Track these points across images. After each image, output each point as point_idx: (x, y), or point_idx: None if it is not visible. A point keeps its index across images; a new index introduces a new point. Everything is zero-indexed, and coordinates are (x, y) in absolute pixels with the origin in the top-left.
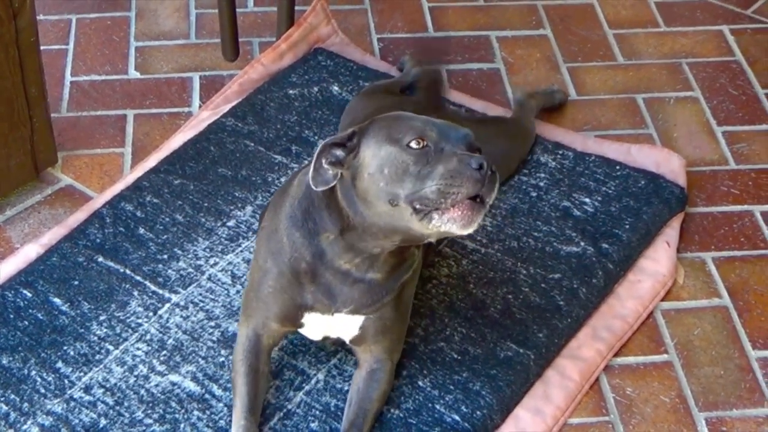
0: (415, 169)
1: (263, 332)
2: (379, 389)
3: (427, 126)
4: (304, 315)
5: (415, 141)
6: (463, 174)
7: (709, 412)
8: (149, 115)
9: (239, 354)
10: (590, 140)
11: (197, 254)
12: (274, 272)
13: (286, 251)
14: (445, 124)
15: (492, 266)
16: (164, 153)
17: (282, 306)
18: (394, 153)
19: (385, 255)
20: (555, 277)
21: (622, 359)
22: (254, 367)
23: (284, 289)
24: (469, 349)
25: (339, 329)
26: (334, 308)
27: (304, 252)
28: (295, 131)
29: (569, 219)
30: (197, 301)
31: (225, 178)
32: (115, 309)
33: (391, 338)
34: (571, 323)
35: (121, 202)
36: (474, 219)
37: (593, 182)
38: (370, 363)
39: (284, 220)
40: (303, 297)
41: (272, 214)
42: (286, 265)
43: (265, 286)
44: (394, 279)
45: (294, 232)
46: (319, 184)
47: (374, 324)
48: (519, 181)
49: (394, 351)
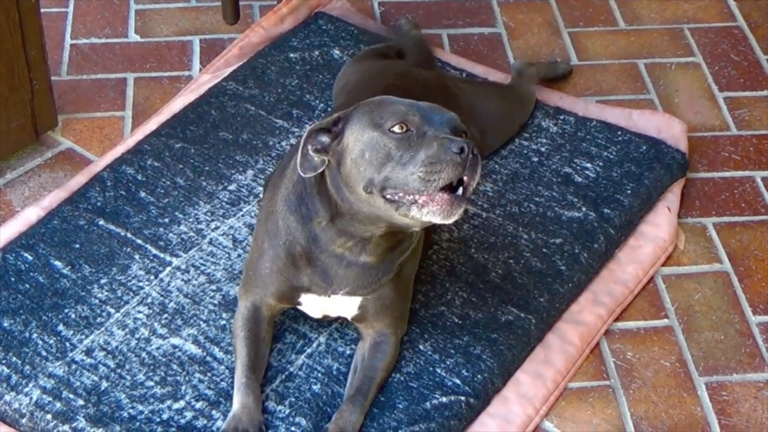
0: (397, 153)
1: (261, 305)
2: (385, 360)
3: (410, 110)
4: (301, 295)
5: (397, 126)
6: (443, 159)
7: (710, 377)
8: (149, 78)
9: (239, 321)
10: (591, 105)
11: (198, 218)
12: (270, 254)
13: (281, 235)
14: (429, 107)
15: (493, 231)
16: (165, 116)
17: (279, 286)
18: (376, 138)
19: (377, 239)
20: (556, 242)
21: (622, 324)
22: (254, 332)
23: (280, 271)
24: (470, 314)
25: (338, 309)
26: (331, 290)
27: (298, 236)
28: (296, 95)
29: (571, 184)
30: (198, 265)
31: (226, 141)
32: (117, 272)
33: (392, 315)
34: (572, 288)
35: (122, 166)
36: (454, 211)
37: (595, 147)
38: (373, 337)
39: (280, 203)
40: (299, 279)
41: (271, 193)
42: (281, 248)
43: (263, 266)
44: (390, 261)
45: (288, 216)
46: (307, 171)
47: (373, 304)
48: (520, 146)
49: (397, 326)
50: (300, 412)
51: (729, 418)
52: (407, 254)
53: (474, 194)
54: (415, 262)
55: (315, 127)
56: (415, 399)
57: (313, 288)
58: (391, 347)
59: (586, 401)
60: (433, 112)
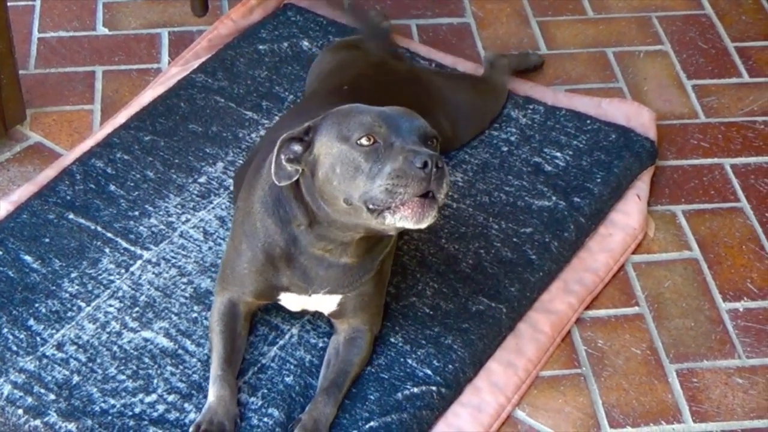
0: (366, 166)
1: (238, 302)
2: (360, 355)
3: (377, 121)
4: (280, 294)
5: (364, 138)
6: (407, 173)
7: (680, 364)
8: (118, 71)
9: (215, 316)
10: (561, 94)
11: (169, 211)
12: (248, 255)
13: (259, 236)
14: (397, 114)
15: (464, 221)
16: (134, 109)
17: (257, 285)
18: (345, 152)
19: (357, 241)
20: (527, 232)
21: (593, 312)
22: (230, 326)
23: (259, 272)
24: (440, 304)
25: (316, 305)
26: (311, 290)
27: (277, 238)
28: (266, 87)
29: (540, 173)
30: (169, 258)
31: (195, 134)
32: (87, 266)
33: (369, 312)
34: (542, 277)
35: (91, 159)
36: (425, 215)
37: (564, 136)
38: (348, 332)
39: (257, 204)
40: (278, 279)
41: (247, 193)
42: (259, 250)
43: (241, 266)
44: (371, 259)
45: (266, 218)
46: (281, 179)
47: (352, 301)
48: (489, 136)
49: (373, 323)
50: (273, 403)
51: (700, 405)
52: (387, 251)
53: None
54: (392, 256)
55: (287, 136)
56: (386, 390)
57: (293, 288)
58: (366, 343)
59: (557, 390)
60: (402, 120)
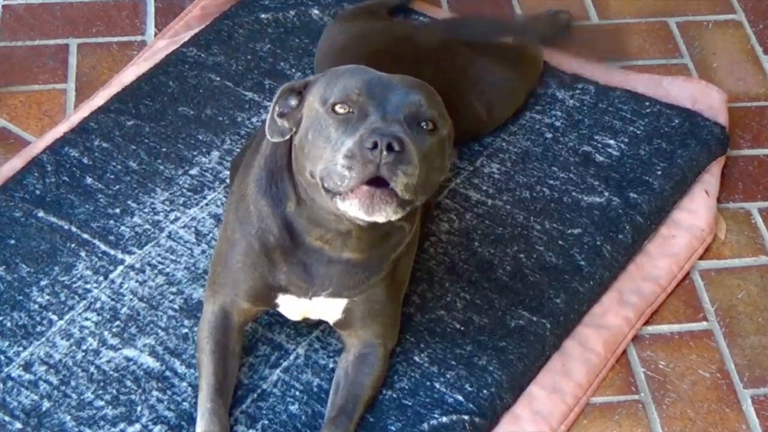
0: (335, 137)
1: (232, 309)
2: (372, 375)
3: (359, 87)
4: (278, 296)
5: (340, 105)
6: (356, 154)
7: (756, 389)
8: (96, 44)
9: (204, 331)
10: (615, 72)
11: (155, 208)
12: (242, 245)
13: (253, 222)
14: (390, 83)
15: (500, 221)
16: (114, 89)
17: (252, 284)
18: (321, 117)
19: (357, 231)
20: (574, 233)
21: (653, 328)
22: (222, 344)
23: (254, 266)
24: (473, 318)
25: (319, 312)
26: (312, 291)
27: (270, 224)
28: (269, 63)
29: (591, 164)
30: (155, 263)
31: (186, 118)
32: (59, 272)
33: (382, 322)
34: (593, 286)
35: (65, 147)
36: (375, 207)
37: (619, 121)
38: (358, 348)
39: (251, 184)
40: (275, 277)
41: (243, 175)
42: (254, 238)
43: (233, 260)
44: (378, 258)
45: (260, 199)
46: (274, 134)
47: (360, 307)
48: (531, 120)
49: (387, 336)
50: None
51: None
52: (400, 250)
53: (477, 177)
54: (411, 257)
55: (287, 86)
56: (410, 419)
57: (292, 288)
58: (380, 360)
59: (611, 419)
60: (393, 91)
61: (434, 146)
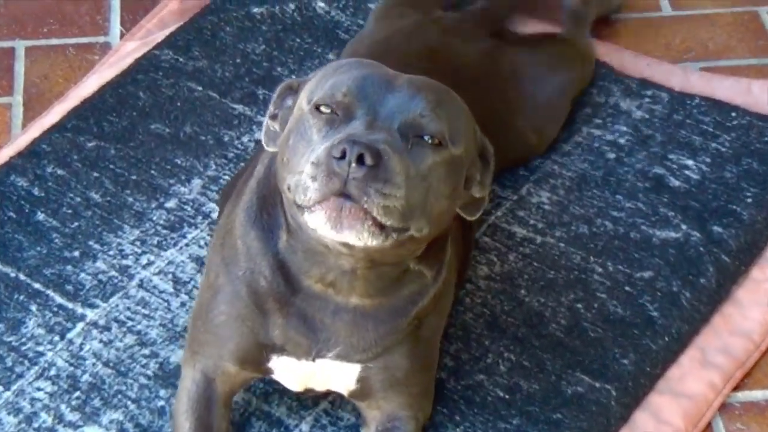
0: (316, 140)
1: (216, 375)
2: None
3: (349, 85)
4: (272, 358)
5: (324, 105)
6: (322, 163)
7: None
8: (48, 47)
9: (183, 404)
10: (693, 75)
11: (123, 250)
12: (227, 292)
13: (240, 262)
14: (389, 84)
15: (552, 262)
16: (72, 103)
17: (240, 342)
18: (304, 117)
19: (363, 271)
20: (644, 277)
21: (744, 394)
22: (204, 420)
23: (242, 318)
24: (520, 384)
25: (326, 381)
26: (315, 350)
27: (261, 263)
28: (263, 68)
29: (664, 191)
30: (124, 319)
31: (161, 138)
32: (4, 331)
33: (409, 392)
34: (669, 343)
35: (10, 176)
36: (343, 223)
37: (699, 136)
38: (382, 422)
39: (240, 214)
40: (268, 332)
41: (232, 205)
42: (241, 282)
43: (216, 311)
44: (393, 311)
45: (249, 231)
46: (269, 142)
47: (379, 375)
48: (589, 136)
49: (417, 407)
50: None
51: None
52: (425, 302)
53: (523, 209)
54: (442, 313)
55: (287, 84)
56: None
57: (290, 347)
58: None
59: None
60: (391, 93)
61: (438, 166)
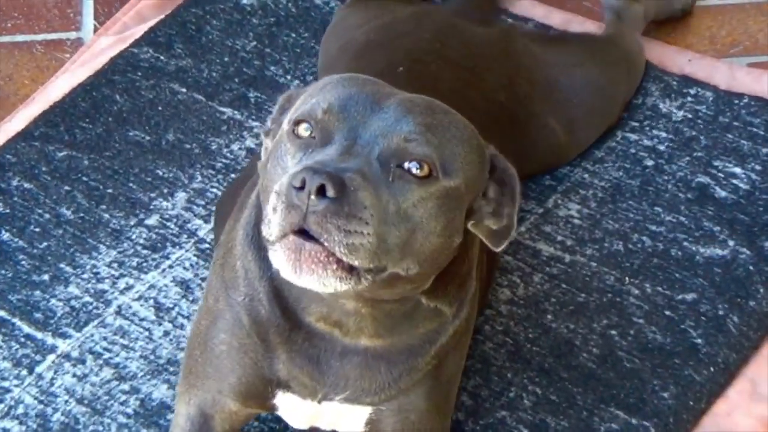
0: (290, 165)
1: (214, 412)
2: None
3: (332, 102)
4: (277, 394)
5: (303, 126)
6: (282, 193)
7: None
8: (12, 44)
9: None
10: (741, 71)
11: (98, 273)
12: (227, 319)
13: (240, 285)
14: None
15: (582, 284)
16: (39, 107)
17: (243, 376)
18: (283, 139)
19: (368, 309)
20: (687, 299)
21: None
22: None
23: (244, 349)
24: (547, 421)
25: (333, 421)
26: (321, 393)
27: (258, 288)
28: (254, 67)
29: (709, 202)
30: (100, 351)
31: (140, 146)
32: None
33: None
34: (714, 374)
35: None
36: (302, 267)
37: (747, 141)
38: None
39: (240, 231)
40: (272, 366)
41: (234, 220)
42: (242, 309)
43: (217, 339)
44: (408, 351)
45: (247, 250)
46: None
47: (390, 419)
48: (624, 141)
49: None
50: None
51: None
52: (445, 339)
53: (550, 223)
54: (462, 354)
55: (288, 95)
56: None
57: (294, 385)
58: None
59: None
60: (377, 115)
61: (425, 201)
